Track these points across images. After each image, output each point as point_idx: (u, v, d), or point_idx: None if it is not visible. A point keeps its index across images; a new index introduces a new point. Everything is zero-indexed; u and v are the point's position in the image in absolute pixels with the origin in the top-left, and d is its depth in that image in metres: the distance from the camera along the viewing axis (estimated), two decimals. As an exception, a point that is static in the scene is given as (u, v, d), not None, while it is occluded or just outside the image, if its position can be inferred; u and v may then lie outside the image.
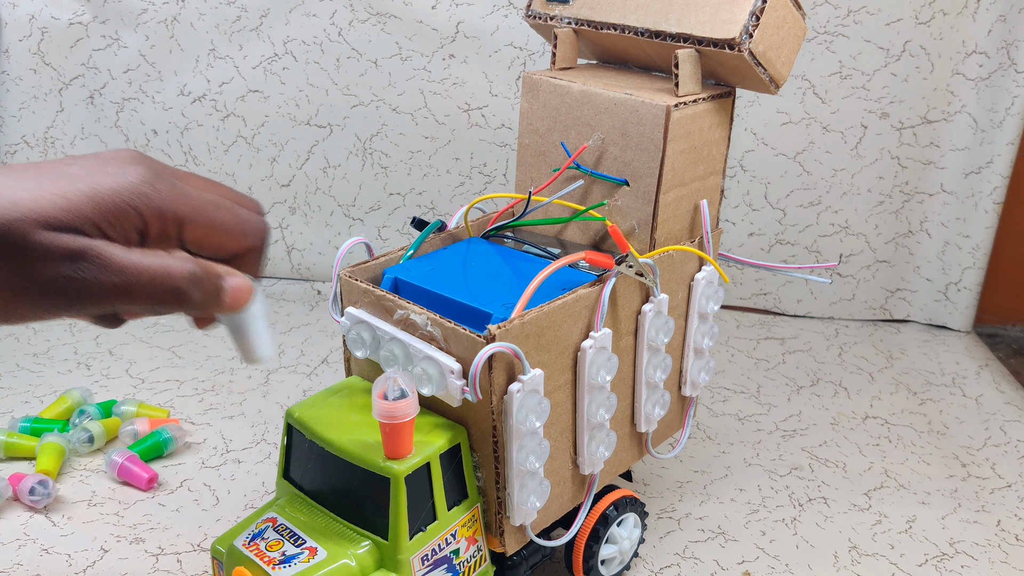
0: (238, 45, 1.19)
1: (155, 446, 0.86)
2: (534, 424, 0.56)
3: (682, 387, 0.75)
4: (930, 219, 1.22)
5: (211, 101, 1.22)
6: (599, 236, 0.70)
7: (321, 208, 1.27)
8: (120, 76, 1.20)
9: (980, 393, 1.08)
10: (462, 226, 0.72)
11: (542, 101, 0.69)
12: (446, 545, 0.58)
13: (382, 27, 1.18)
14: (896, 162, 1.20)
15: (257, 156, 1.24)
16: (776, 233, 1.24)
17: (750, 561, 0.77)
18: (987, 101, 1.15)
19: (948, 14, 1.12)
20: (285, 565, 0.54)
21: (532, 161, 0.72)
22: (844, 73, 1.16)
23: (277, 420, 0.94)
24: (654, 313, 0.66)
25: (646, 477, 0.87)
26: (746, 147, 1.20)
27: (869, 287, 1.26)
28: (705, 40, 0.63)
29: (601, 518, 0.68)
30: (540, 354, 0.57)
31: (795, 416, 1.00)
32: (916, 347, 1.20)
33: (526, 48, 1.18)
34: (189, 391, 0.99)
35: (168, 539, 0.76)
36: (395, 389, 0.53)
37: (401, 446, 0.54)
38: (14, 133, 1.22)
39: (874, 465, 0.91)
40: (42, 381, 0.99)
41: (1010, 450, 0.95)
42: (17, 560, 0.73)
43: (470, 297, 0.60)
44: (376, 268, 0.64)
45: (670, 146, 0.63)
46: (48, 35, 1.18)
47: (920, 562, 0.77)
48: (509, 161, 1.23)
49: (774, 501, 0.85)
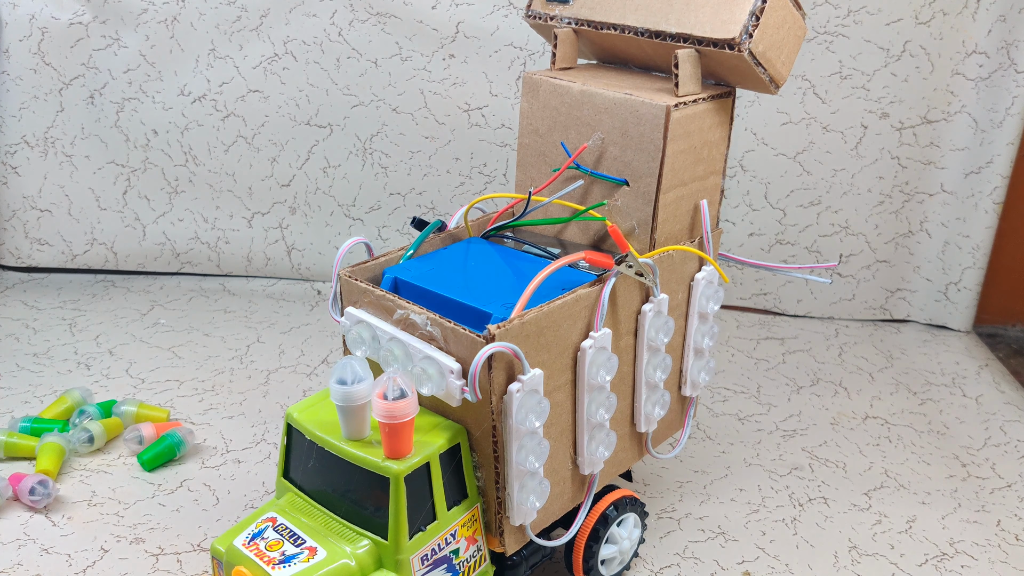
0: (238, 45, 1.19)
1: (168, 450, 0.85)
2: (534, 424, 0.56)
3: (682, 387, 0.75)
4: (930, 219, 1.22)
5: (211, 101, 1.22)
6: (599, 236, 0.70)
7: (321, 208, 1.27)
8: (120, 76, 1.20)
9: (980, 393, 1.08)
10: (462, 226, 0.72)
11: (542, 101, 0.69)
12: (446, 545, 0.58)
13: (382, 27, 1.18)
14: (896, 162, 1.20)
15: (257, 156, 1.24)
16: (776, 233, 1.24)
17: (750, 561, 0.77)
18: (987, 101, 1.15)
19: (948, 14, 1.12)
20: (285, 565, 0.54)
21: (532, 161, 0.72)
22: (844, 73, 1.16)
23: (277, 420, 0.94)
24: (654, 313, 0.66)
25: (646, 477, 0.87)
26: (746, 147, 1.20)
27: (869, 287, 1.26)
28: (705, 40, 0.63)
29: (601, 518, 0.68)
30: (540, 354, 0.57)
31: (795, 416, 1.00)
32: (916, 347, 1.20)
33: (526, 48, 1.18)
34: (189, 391, 0.99)
35: (168, 539, 0.76)
36: (395, 389, 0.53)
37: (401, 446, 0.54)
38: (14, 133, 1.22)
39: (874, 465, 0.91)
40: (42, 381, 0.99)
41: (1010, 450, 0.95)
42: (17, 560, 0.73)
43: (470, 297, 0.60)
44: (376, 268, 0.64)
45: (670, 146, 0.63)
46: (48, 35, 1.18)
47: (920, 562, 0.78)
48: (509, 161, 1.23)
49: (774, 501, 0.85)
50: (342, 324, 0.62)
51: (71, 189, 1.24)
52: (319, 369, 1.06)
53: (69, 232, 1.26)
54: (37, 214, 1.25)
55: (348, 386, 0.54)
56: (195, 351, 1.08)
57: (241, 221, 1.27)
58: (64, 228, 1.26)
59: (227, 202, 1.26)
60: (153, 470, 0.85)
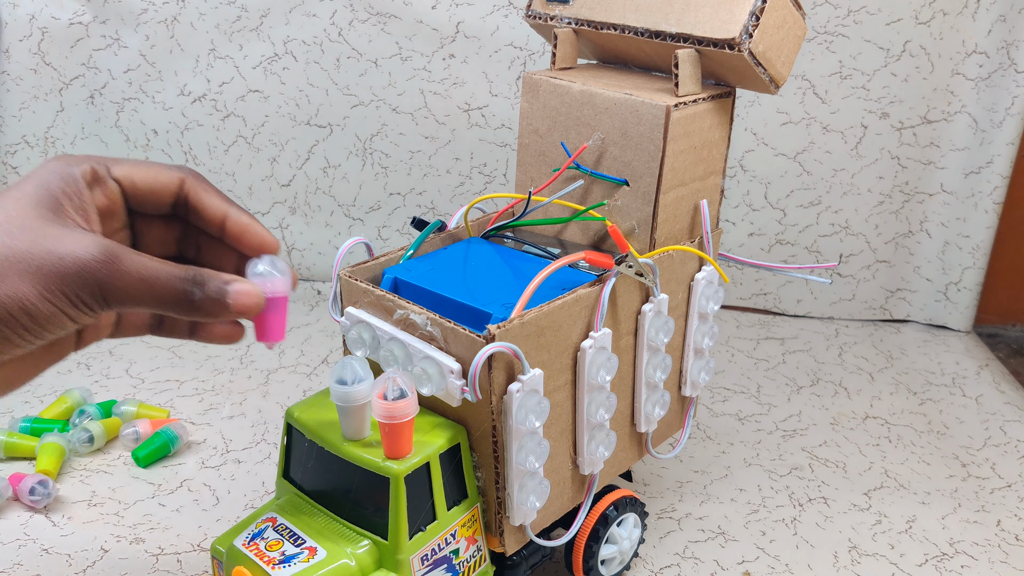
0: (238, 45, 1.19)
1: (163, 447, 0.86)
2: (534, 424, 0.56)
3: (682, 387, 0.75)
4: (930, 219, 1.22)
5: (211, 101, 1.22)
6: (599, 236, 0.70)
7: (321, 208, 1.27)
8: (120, 76, 1.20)
9: (980, 393, 1.08)
10: (462, 226, 0.72)
11: (542, 101, 0.69)
12: (446, 545, 0.58)
13: (382, 27, 1.18)
14: (896, 162, 1.20)
15: (257, 156, 1.24)
16: (776, 233, 1.24)
17: (750, 561, 0.77)
18: (987, 101, 1.15)
19: (948, 14, 1.12)
20: (285, 565, 0.54)
21: (532, 161, 0.72)
22: (844, 73, 1.16)
23: (277, 420, 0.94)
24: (654, 313, 0.66)
25: (646, 477, 0.87)
26: (746, 147, 1.20)
27: (869, 287, 1.26)
28: (705, 40, 0.63)
29: (601, 518, 0.68)
30: (540, 354, 0.57)
31: (795, 416, 1.00)
32: (916, 347, 1.20)
33: (526, 48, 1.18)
34: (189, 391, 0.99)
35: (168, 539, 0.76)
36: (395, 389, 0.53)
37: (401, 446, 0.54)
38: (14, 133, 1.22)
39: (874, 465, 0.91)
40: (42, 381, 0.99)
41: (1010, 450, 0.95)
42: (17, 560, 0.73)
43: (470, 297, 0.60)
44: (376, 268, 0.64)
45: (670, 146, 0.63)
46: (48, 35, 1.18)
47: (920, 562, 0.78)
48: (509, 161, 1.23)
49: (774, 501, 0.85)
50: (342, 324, 0.62)
51: (71, 189, 1.24)
52: (319, 369, 1.06)
53: (69, 232, 1.26)
54: (37, 214, 1.25)
55: (348, 386, 0.54)
56: (195, 351, 1.08)
57: (241, 221, 1.27)
58: (64, 228, 1.25)
59: (227, 202, 1.26)
60: (149, 466, 0.85)
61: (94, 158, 0.51)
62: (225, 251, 0.56)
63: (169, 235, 0.56)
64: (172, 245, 0.57)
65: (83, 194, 0.49)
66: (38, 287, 0.44)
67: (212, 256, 0.57)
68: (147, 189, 0.52)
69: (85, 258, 0.44)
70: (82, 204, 0.48)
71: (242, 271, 0.54)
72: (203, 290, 0.48)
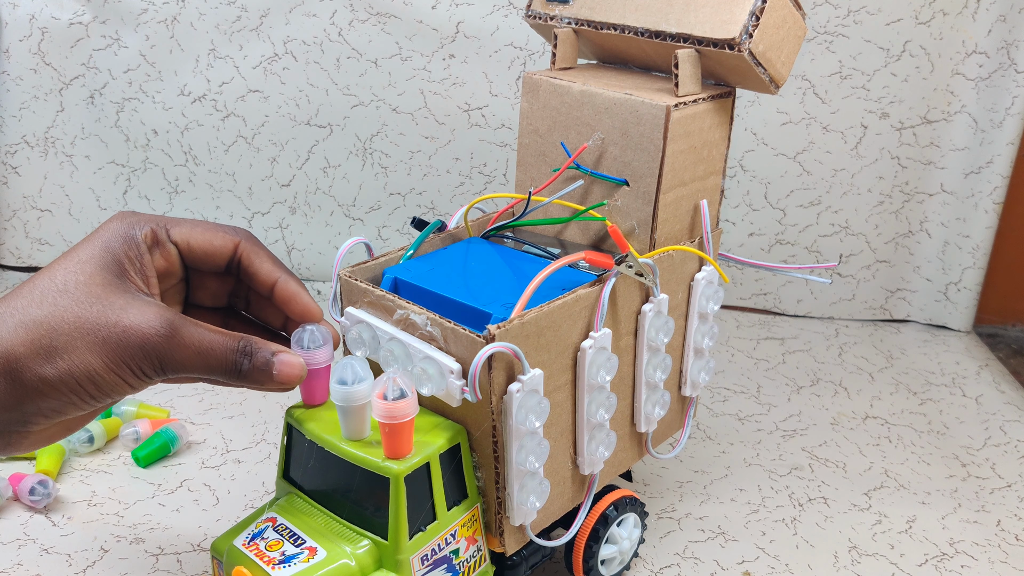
0: (238, 45, 1.19)
1: (163, 447, 0.86)
2: (534, 424, 0.56)
3: (682, 387, 0.75)
4: (930, 219, 1.22)
5: (211, 101, 1.22)
6: (599, 236, 0.70)
7: (321, 208, 1.27)
8: (120, 76, 1.20)
9: (980, 393, 1.08)
10: (462, 226, 0.72)
11: (542, 101, 0.69)
12: (446, 545, 0.58)
13: (382, 27, 1.18)
14: (896, 162, 1.20)
15: (257, 156, 1.24)
16: (776, 233, 1.24)
17: (750, 561, 0.77)
18: (987, 101, 1.15)
19: (948, 14, 1.12)
20: (285, 565, 0.54)
21: (532, 161, 0.72)
22: (844, 73, 1.16)
23: (277, 420, 0.94)
24: (654, 313, 0.66)
25: (646, 477, 0.87)
26: (746, 147, 1.20)
27: (869, 287, 1.26)
28: (705, 40, 0.63)
29: (601, 518, 0.68)
30: (540, 354, 0.57)
31: (795, 416, 1.00)
32: (916, 347, 1.20)
33: (526, 48, 1.18)
34: (189, 391, 0.99)
35: (168, 539, 0.76)
36: (395, 389, 0.53)
37: (401, 446, 0.54)
38: (14, 133, 1.22)
39: (874, 465, 0.91)
40: (42, 381, 0.99)
41: (1010, 450, 0.95)
42: (17, 560, 0.73)
43: (470, 297, 0.60)
44: (376, 268, 0.64)
45: (670, 146, 0.63)
46: (48, 35, 1.18)
47: (920, 562, 0.78)
48: (509, 161, 1.23)
49: (774, 501, 0.85)
50: (342, 324, 0.62)
51: (71, 189, 1.24)
52: (319, 369, 1.06)
53: (69, 232, 1.26)
54: (37, 214, 1.25)
55: (348, 386, 0.54)
56: (195, 351, 1.08)
57: (241, 221, 1.27)
58: (64, 228, 1.26)
59: (227, 202, 1.26)
60: (148, 466, 0.85)
61: (154, 218, 0.54)
62: (272, 307, 0.60)
63: (222, 289, 0.60)
64: (223, 298, 0.61)
65: (144, 258, 0.52)
66: (104, 359, 0.47)
67: (259, 310, 0.61)
68: (203, 252, 0.56)
69: (148, 333, 0.48)
70: (143, 268, 0.52)
71: (287, 326, 0.59)
72: (251, 361, 0.52)
